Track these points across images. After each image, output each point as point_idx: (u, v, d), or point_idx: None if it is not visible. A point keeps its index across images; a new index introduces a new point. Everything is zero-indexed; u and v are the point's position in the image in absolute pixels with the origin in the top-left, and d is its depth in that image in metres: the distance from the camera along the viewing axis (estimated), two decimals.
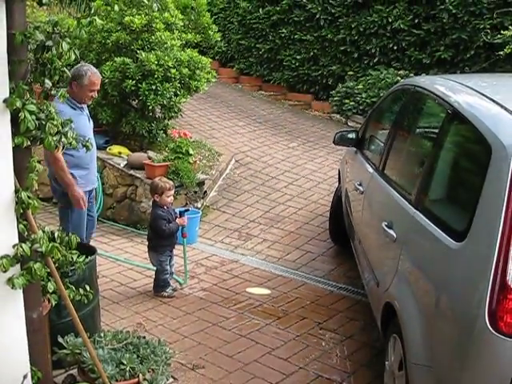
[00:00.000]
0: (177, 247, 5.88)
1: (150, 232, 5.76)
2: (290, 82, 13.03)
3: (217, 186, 8.53)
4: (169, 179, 6.03)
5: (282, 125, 11.37)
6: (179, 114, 8.57)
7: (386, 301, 3.81)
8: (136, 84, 7.66)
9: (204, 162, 8.63)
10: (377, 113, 6.01)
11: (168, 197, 5.60)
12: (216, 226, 7.64)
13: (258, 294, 5.80)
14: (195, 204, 7.65)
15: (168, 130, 8.70)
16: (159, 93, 7.71)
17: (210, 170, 8.48)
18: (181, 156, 7.50)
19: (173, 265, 5.81)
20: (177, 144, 7.64)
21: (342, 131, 6.34)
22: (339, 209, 6.54)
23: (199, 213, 7.36)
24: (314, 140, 10.58)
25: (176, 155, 7.50)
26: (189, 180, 7.42)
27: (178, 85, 7.89)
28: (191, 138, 8.69)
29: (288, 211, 7.95)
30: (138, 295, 5.68)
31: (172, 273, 5.82)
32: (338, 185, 7.13)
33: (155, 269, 5.70)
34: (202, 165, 8.45)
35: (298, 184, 8.74)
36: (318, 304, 5.64)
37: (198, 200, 7.78)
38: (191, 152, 7.65)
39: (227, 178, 8.85)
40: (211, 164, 8.71)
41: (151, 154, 7.76)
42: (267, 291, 5.89)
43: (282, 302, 5.65)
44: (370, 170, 5.13)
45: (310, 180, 8.87)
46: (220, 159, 9.04)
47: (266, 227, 7.55)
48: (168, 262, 5.66)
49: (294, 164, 9.42)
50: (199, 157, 8.49)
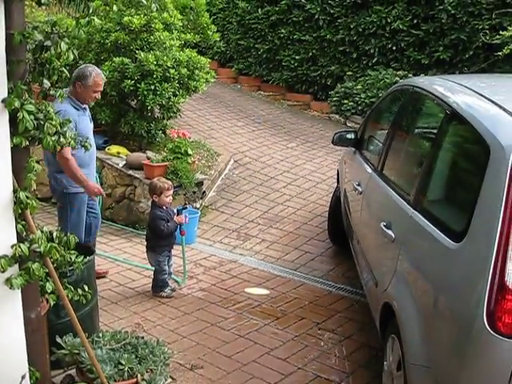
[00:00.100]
0: (175, 247, 5.88)
1: (149, 232, 5.76)
2: (289, 82, 13.03)
3: (215, 187, 8.53)
4: (167, 179, 6.04)
5: (281, 125, 11.38)
6: (178, 114, 8.58)
7: (385, 301, 3.82)
8: (135, 84, 7.67)
9: (203, 162, 8.63)
10: (375, 113, 6.01)
11: (167, 197, 5.60)
12: (215, 226, 7.64)
13: (256, 295, 5.80)
14: (194, 204, 7.65)
15: (167, 130, 8.70)
16: (158, 93, 7.71)
17: (208, 170, 8.49)
18: (179, 156, 7.50)
19: (171, 265, 5.81)
20: (176, 144, 7.64)
21: (341, 131, 6.34)
22: (338, 209, 6.54)
23: (198, 213, 7.36)
24: (313, 140, 10.58)
25: (175, 155, 7.50)
26: (187, 180, 7.42)
27: (177, 85, 7.89)
28: (190, 138, 8.70)
29: (287, 211, 7.95)
30: (137, 295, 5.68)
31: (170, 273, 5.82)
32: (336, 185, 7.13)
33: (154, 269, 5.70)
34: (201, 165, 8.45)
35: (297, 184, 8.74)
36: (317, 304, 5.64)
37: (197, 200, 7.78)
38: (190, 152, 7.65)
39: (226, 178, 8.85)
40: (210, 164, 8.72)
41: (150, 154, 7.75)
42: (266, 291, 5.89)
43: (281, 302, 5.65)
44: (369, 170, 5.13)
45: (308, 180, 8.87)
46: (219, 159, 9.05)
47: (264, 227, 7.55)
48: (166, 263, 5.66)
49: (292, 164, 9.43)
50: (198, 157, 8.49)
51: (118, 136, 8.33)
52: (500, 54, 8.79)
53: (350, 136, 6.11)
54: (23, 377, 3.18)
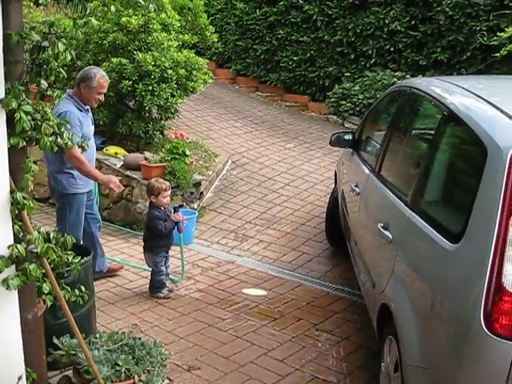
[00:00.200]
0: (173, 248, 5.87)
1: (146, 232, 5.76)
2: (287, 83, 13.04)
3: (213, 187, 8.53)
4: (165, 180, 6.04)
5: (279, 126, 11.38)
6: (176, 114, 8.58)
7: (382, 302, 3.81)
8: (133, 85, 7.66)
9: (200, 162, 8.63)
10: (373, 114, 6.01)
11: (164, 198, 5.60)
12: (212, 226, 7.63)
13: (254, 295, 5.80)
14: (191, 205, 7.64)
15: (164, 131, 8.69)
16: (156, 93, 7.71)
17: (206, 171, 8.48)
18: (177, 157, 7.49)
19: (168, 266, 5.80)
20: (173, 145, 7.64)
21: (339, 132, 6.34)
22: (335, 210, 6.53)
23: (195, 214, 7.36)
24: (311, 141, 10.58)
25: (172, 156, 7.50)
26: (185, 181, 7.42)
27: (175, 85, 7.89)
28: (188, 138, 8.69)
29: (284, 212, 7.95)
30: (134, 296, 5.67)
31: (168, 274, 5.81)
32: (334, 186, 7.14)
33: (151, 270, 5.70)
34: (199, 166, 8.45)
35: (295, 185, 8.74)
36: (314, 305, 5.63)
37: (195, 201, 7.77)
38: (188, 153, 7.65)
39: (224, 178, 8.85)
40: (208, 165, 8.71)
41: (148, 154, 7.75)
42: (263, 292, 5.89)
43: (278, 303, 5.65)
44: (367, 171, 5.13)
45: (306, 181, 8.87)
46: (216, 160, 9.04)
47: (262, 228, 7.55)
48: (163, 263, 5.66)
49: (290, 165, 9.43)
50: (196, 158, 8.49)
51: (116, 136, 8.33)
52: (497, 55, 8.80)
53: (348, 137, 6.12)
54: (20, 378, 3.18)
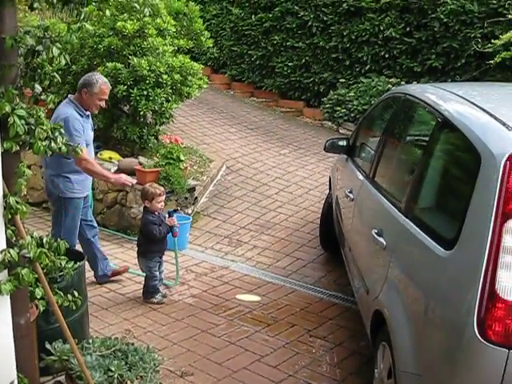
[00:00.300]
0: (166, 253, 5.86)
1: (141, 237, 5.74)
2: (282, 88, 13.05)
3: (208, 192, 8.52)
4: (159, 185, 6.03)
5: (274, 131, 11.38)
6: (170, 119, 8.56)
7: (376, 308, 3.81)
8: (127, 89, 7.65)
9: (195, 168, 8.62)
10: (368, 120, 6.02)
11: (158, 203, 5.59)
12: (206, 232, 7.62)
13: (247, 301, 5.79)
14: (186, 210, 7.63)
15: (159, 136, 8.69)
16: (151, 98, 7.70)
17: (200, 176, 8.47)
18: (172, 162, 7.49)
19: (162, 271, 5.79)
20: (168, 150, 7.63)
21: (333, 138, 6.35)
22: (330, 216, 6.54)
23: (190, 219, 7.35)
24: (306, 147, 10.59)
25: (167, 161, 7.49)
26: (179, 186, 7.41)
27: (170, 91, 7.88)
28: (182, 143, 8.69)
29: (279, 218, 7.95)
30: (128, 301, 5.66)
31: (162, 279, 5.80)
32: (328, 192, 7.14)
33: (144, 275, 5.68)
34: (193, 171, 8.44)
35: (289, 191, 8.74)
36: (308, 311, 5.63)
37: (189, 206, 7.76)
38: (182, 158, 7.64)
39: (218, 184, 8.84)
40: (202, 170, 8.71)
41: (142, 159, 7.74)
42: (257, 298, 5.88)
43: (272, 308, 5.64)
44: (361, 177, 5.13)
45: (300, 187, 8.87)
46: (211, 165, 9.04)
47: (256, 234, 7.54)
48: (157, 268, 5.65)
49: (285, 171, 9.43)
50: (190, 163, 8.48)
51: (111, 141, 8.31)
52: (492, 62, 8.85)
53: (342, 143, 6.13)
54: (12, 383, 3.16)
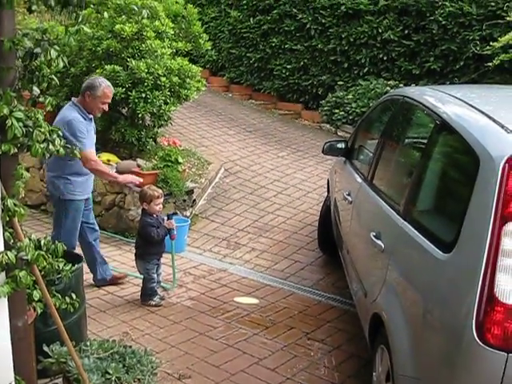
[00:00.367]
0: (164, 255, 5.85)
1: (139, 239, 5.74)
2: (281, 91, 13.05)
3: (206, 195, 8.51)
4: (158, 187, 6.01)
5: (272, 134, 11.38)
6: (169, 122, 8.55)
7: (374, 311, 3.80)
8: (126, 92, 7.64)
9: (193, 170, 8.62)
10: (366, 123, 6.02)
11: (157, 205, 5.59)
12: (205, 234, 7.61)
13: (245, 304, 5.78)
14: (184, 212, 7.62)
15: (157, 138, 8.68)
16: (149, 101, 7.69)
17: (199, 179, 8.47)
18: (170, 164, 7.48)
19: (160, 273, 5.78)
20: (166, 152, 7.63)
21: (331, 141, 6.35)
22: (328, 218, 6.53)
23: (188, 221, 7.34)
24: (304, 149, 10.58)
25: (165, 163, 7.48)
26: (178, 188, 7.40)
27: (168, 93, 7.87)
28: (181, 146, 8.68)
29: (277, 220, 7.94)
30: (126, 304, 5.65)
31: (159, 282, 5.79)
32: (327, 194, 7.13)
33: (142, 277, 5.68)
34: (192, 173, 8.44)
35: (287, 193, 8.73)
36: (306, 314, 5.62)
37: (187, 208, 7.76)
38: (180, 160, 7.63)
39: (216, 186, 8.83)
40: (200, 172, 8.70)
41: (140, 161, 7.73)
42: (255, 301, 5.87)
43: (270, 311, 5.63)
44: (359, 179, 5.13)
45: (299, 189, 8.87)
46: (209, 168, 9.03)
47: (254, 236, 7.53)
48: (155, 271, 5.64)
49: (283, 173, 9.42)
50: (188, 165, 8.48)
51: (109, 143, 8.30)
52: (490, 64, 8.86)
53: (341, 145, 6.13)
54: None
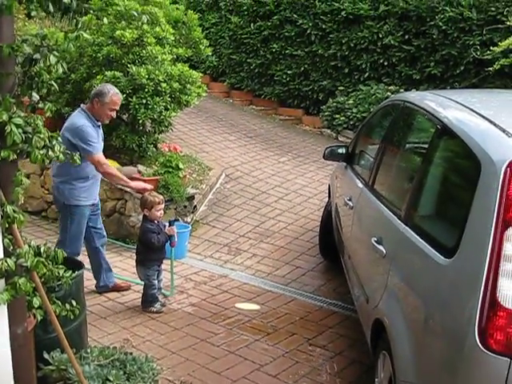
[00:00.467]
0: (165, 262, 5.84)
1: (139, 245, 5.73)
2: (281, 96, 13.06)
3: (207, 201, 8.50)
4: (159, 193, 6.01)
5: (273, 139, 11.38)
6: (169, 128, 8.55)
7: (376, 317, 3.79)
8: (126, 98, 7.63)
9: (194, 176, 8.61)
10: (367, 128, 6.01)
11: (158, 211, 5.58)
12: (206, 240, 7.60)
13: (247, 310, 5.77)
14: (185, 218, 7.61)
15: (158, 144, 8.67)
16: (149, 107, 7.68)
17: (200, 185, 8.46)
18: (171, 170, 7.48)
19: (161, 280, 5.77)
20: (167, 158, 7.62)
21: (332, 146, 6.34)
22: (329, 224, 6.51)
23: (189, 227, 7.33)
24: (305, 155, 10.58)
25: (166, 169, 7.48)
26: (178, 194, 7.39)
27: (169, 99, 7.86)
28: (181, 152, 8.68)
29: (278, 226, 7.93)
30: (126, 310, 5.63)
31: (160, 288, 5.78)
32: (328, 200, 7.12)
33: (143, 284, 5.66)
34: (192, 179, 8.43)
35: (288, 199, 8.72)
36: (308, 320, 5.60)
37: (188, 214, 7.75)
38: (181, 166, 7.63)
39: (217, 192, 8.82)
40: (201, 178, 8.69)
41: (141, 168, 7.73)
42: (256, 307, 5.85)
43: (272, 317, 5.61)
44: (360, 185, 5.12)
45: (300, 195, 8.86)
46: (210, 173, 9.02)
47: (255, 242, 7.52)
48: (156, 277, 5.63)
49: (284, 179, 9.41)
50: (189, 171, 8.47)
51: (109, 150, 8.25)
52: (491, 69, 8.87)
53: (341, 151, 6.12)
54: None
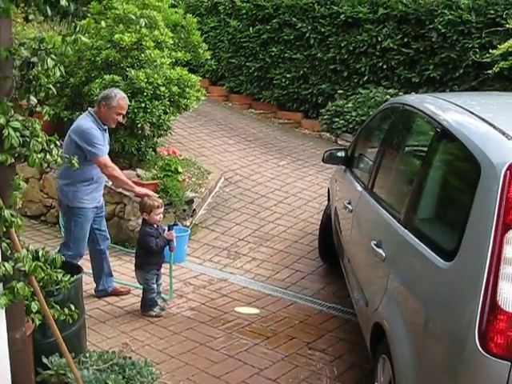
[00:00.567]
0: (164, 266, 5.82)
1: (138, 249, 5.72)
2: (280, 100, 13.05)
3: (206, 204, 8.49)
4: (158, 197, 5.99)
5: (272, 143, 11.37)
6: (168, 131, 8.54)
7: (375, 321, 3.77)
8: None
9: (193, 180, 8.60)
10: (366, 131, 6.01)
11: (157, 215, 5.57)
12: (205, 244, 7.58)
13: (246, 314, 5.75)
14: (184, 222, 7.60)
15: (157, 148, 8.66)
16: (148, 111, 7.68)
17: (199, 188, 8.45)
18: (170, 174, 7.47)
19: (160, 284, 5.75)
20: (166, 162, 7.61)
21: (331, 149, 6.33)
22: (329, 227, 6.50)
23: (188, 231, 7.31)
24: (304, 158, 10.57)
25: (165, 173, 7.47)
26: (178, 198, 7.38)
27: (168, 103, 7.86)
28: (180, 155, 8.67)
29: (277, 230, 7.91)
30: (126, 314, 5.62)
31: (160, 292, 5.76)
32: (327, 203, 7.11)
33: (142, 288, 5.65)
34: (191, 183, 8.42)
35: (288, 202, 8.71)
36: (307, 323, 5.59)
37: (187, 218, 7.73)
38: (180, 170, 7.62)
39: (216, 196, 8.81)
40: (200, 182, 8.68)
41: (140, 171, 7.72)
42: (256, 310, 5.84)
43: (271, 321, 5.60)
44: (359, 188, 5.11)
45: (299, 198, 8.84)
46: (209, 177, 9.01)
47: (255, 246, 7.50)
48: (155, 281, 5.61)
49: (283, 182, 9.40)
50: (188, 175, 8.46)
51: (108, 153, 8.25)
52: (490, 72, 8.86)
53: (341, 154, 6.11)
54: None
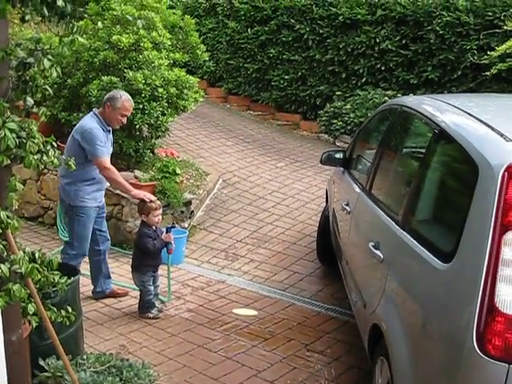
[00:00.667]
0: (162, 267, 5.81)
1: (136, 251, 5.70)
2: (279, 101, 13.04)
3: (204, 206, 8.48)
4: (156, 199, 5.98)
5: (270, 144, 11.36)
6: (166, 133, 8.53)
7: (373, 322, 3.77)
8: None
9: (191, 181, 8.58)
10: (364, 133, 6.00)
11: (155, 216, 5.56)
12: (203, 246, 7.57)
13: (244, 315, 5.74)
14: (182, 224, 7.59)
15: (155, 150, 8.65)
16: (146, 112, 7.66)
17: (197, 190, 8.43)
18: (168, 175, 7.45)
19: (158, 286, 5.74)
20: (164, 163, 7.60)
21: (330, 151, 6.33)
22: (327, 229, 6.50)
23: (186, 233, 7.30)
24: (302, 160, 10.56)
25: (163, 175, 7.45)
26: (176, 200, 7.37)
27: (166, 104, 7.85)
28: (178, 157, 8.65)
29: (275, 231, 7.90)
30: (123, 316, 5.61)
31: (157, 294, 5.75)
32: (325, 205, 7.11)
33: (139, 289, 5.64)
34: (189, 184, 8.40)
35: (286, 204, 8.70)
36: (305, 325, 5.58)
37: (185, 220, 7.72)
38: (178, 171, 7.61)
39: (214, 197, 8.80)
40: (198, 183, 8.66)
41: (138, 173, 7.70)
42: (254, 312, 5.83)
43: (269, 323, 5.59)
44: (357, 189, 5.10)
45: (297, 200, 8.84)
46: (207, 179, 8.99)
47: (253, 247, 7.49)
48: (151, 283, 5.60)
49: (281, 184, 9.39)
50: (186, 176, 8.45)
51: None
52: (488, 73, 8.87)
53: (339, 155, 6.10)
54: None
